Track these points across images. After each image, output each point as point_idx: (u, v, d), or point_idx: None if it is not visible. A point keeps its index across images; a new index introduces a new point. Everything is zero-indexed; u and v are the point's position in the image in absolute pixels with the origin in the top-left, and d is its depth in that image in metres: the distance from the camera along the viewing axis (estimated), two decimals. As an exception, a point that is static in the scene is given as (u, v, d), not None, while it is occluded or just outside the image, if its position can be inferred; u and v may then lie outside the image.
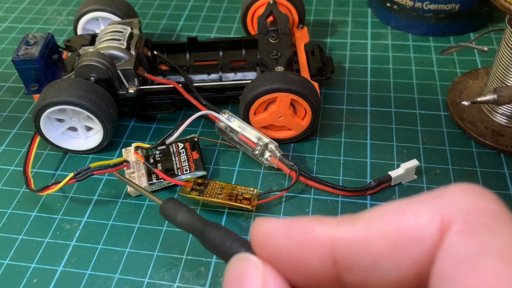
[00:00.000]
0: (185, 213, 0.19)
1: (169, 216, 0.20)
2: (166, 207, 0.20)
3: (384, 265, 0.13)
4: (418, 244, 0.12)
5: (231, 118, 0.41)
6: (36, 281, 0.35)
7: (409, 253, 0.12)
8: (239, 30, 0.60)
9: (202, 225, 0.18)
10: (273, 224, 0.14)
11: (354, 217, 0.14)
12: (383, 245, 0.13)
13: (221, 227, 0.17)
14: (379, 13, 0.60)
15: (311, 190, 0.40)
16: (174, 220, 0.20)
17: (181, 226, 0.19)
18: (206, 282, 0.35)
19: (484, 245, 0.11)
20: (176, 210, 0.20)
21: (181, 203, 0.19)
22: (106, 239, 0.38)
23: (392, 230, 0.13)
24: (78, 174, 0.38)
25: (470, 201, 0.12)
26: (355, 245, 0.13)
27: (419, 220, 0.13)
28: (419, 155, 0.43)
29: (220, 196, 0.38)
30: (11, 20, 0.64)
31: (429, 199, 0.13)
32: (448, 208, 0.12)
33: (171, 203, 0.20)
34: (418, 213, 0.13)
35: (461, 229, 0.12)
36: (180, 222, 0.19)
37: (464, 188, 0.13)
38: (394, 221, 0.13)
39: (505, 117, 0.44)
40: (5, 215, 0.40)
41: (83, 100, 0.41)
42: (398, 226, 0.13)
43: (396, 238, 0.13)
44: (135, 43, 0.46)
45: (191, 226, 0.19)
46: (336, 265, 0.13)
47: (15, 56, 0.43)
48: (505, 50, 0.41)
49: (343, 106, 0.48)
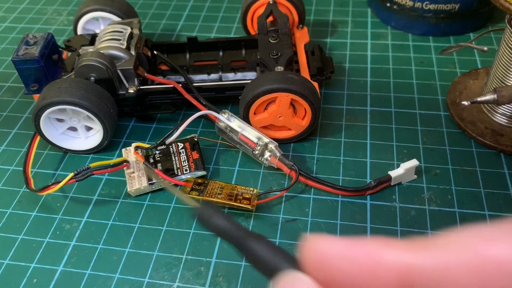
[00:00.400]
0: (224, 220, 0.18)
1: (206, 221, 0.18)
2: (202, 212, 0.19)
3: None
4: (509, 279, 0.11)
5: (231, 118, 0.41)
6: (36, 281, 0.35)
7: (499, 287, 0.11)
8: (239, 30, 0.60)
9: (243, 235, 0.16)
10: (332, 245, 0.13)
11: (429, 242, 0.12)
12: (467, 276, 0.11)
13: (264, 239, 0.16)
14: (379, 13, 0.60)
15: (311, 190, 0.40)
16: (211, 226, 0.18)
17: (219, 233, 0.18)
18: (206, 282, 0.35)
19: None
20: (214, 215, 0.18)
21: (218, 209, 0.18)
22: (106, 239, 0.38)
23: (478, 260, 0.11)
24: (78, 174, 0.38)
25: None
26: (432, 275, 0.11)
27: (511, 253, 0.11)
28: (419, 155, 0.43)
29: (220, 196, 0.38)
30: (11, 20, 0.64)
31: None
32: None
33: (209, 208, 0.19)
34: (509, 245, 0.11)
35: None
36: (218, 229, 0.18)
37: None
38: (481, 251, 0.11)
39: (505, 117, 0.44)
40: (5, 215, 0.40)
41: (83, 100, 0.41)
42: (487, 257, 0.11)
43: (485, 270, 0.11)
44: (135, 43, 0.46)
45: (230, 234, 0.17)
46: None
47: (15, 56, 0.43)
48: (505, 50, 0.41)
49: (343, 106, 0.48)
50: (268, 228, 0.38)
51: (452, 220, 0.37)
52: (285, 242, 0.36)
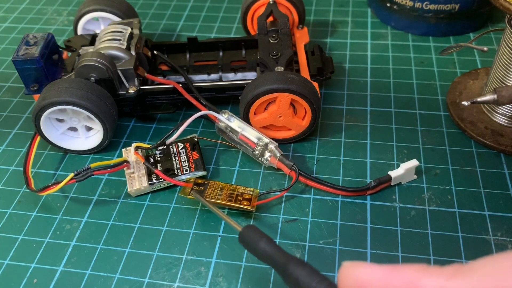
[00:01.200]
0: (266, 244, 0.18)
1: (249, 244, 0.19)
2: (246, 235, 0.19)
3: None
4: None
5: (231, 118, 0.41)
6: (36, 281, 0.35)
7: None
8: (239, 30, 0.60)
9: (285, 260, 0.17)
10: (369, 272, 0.13)
11: (466, 269, 0.12)
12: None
13: (305, 264, 0.16)
14: (379, 13, 0.60)
15: (311, 190, 0.40)
16: (254, 249, 0.18)
17: (262, 257, 0.18)
18: (206, 282, 0.35)
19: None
20: (257, 239, 0.18)
21: (261, 232, 0.18)
22: (106, 239, 0.38)
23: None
24: (78, 174, 0.38)
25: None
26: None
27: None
28: (419, 155, 0.43)
29: (220, 197, 0.38)
30: (11, 20, 0.64)
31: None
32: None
33: (251, 231, 0.19)
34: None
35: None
36: (261, 253, 0.18)
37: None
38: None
39: (505, 117, 0.44)
40: (5, 215, 0.40)
41: (83, 100, 0.41)
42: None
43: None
44: (135, 43, 0.46)
45: (273, 259, 0.18)
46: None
47: (15, 56, 0.43)
48: (505, 50, 0.41)
49: (343, 106, 0.48)
50: (268, 228, 0.38)
51: (452, 220, 0.37)
52: (285, 242, 0.36)
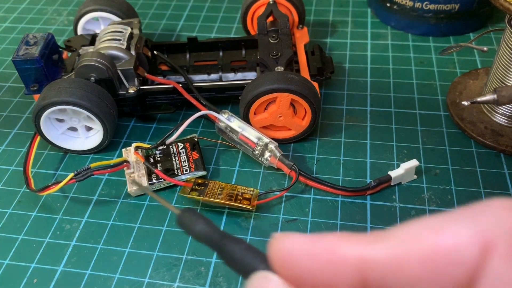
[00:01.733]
0: (203, 225, 0.18)
1: (187, 226, 0.19)
2: (183, 218, 0.20)
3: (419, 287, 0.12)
4: (457, 266, 0.11)
5: (231, 118, 0.41)
6: (36, 281, 0.35)
7: (447, 276, 0.11)
8: (239, 30, 0.60)
9: (220, 238, 0.17)
10: (294, 242, 0.13)
11: (384, 235, 0.12)
12: (419, 266, 0.12)
13: (240, 241, 0.16)
14: (379, 13, 0.60)
15: (311, 190, 0.40)
16: (191, 231, 0.19)
17: (199, 238, 0.18)
18: (206, 282, 0.35)
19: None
20: (193, 221, 0.18)
21: (199, 214, 0.19)
22: (106, 239, 0.38)
23: (428, 250, 0.12)
24: (78, 174, 0.38)
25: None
26: (387, 266, 0.12)
27: (458, 240, 0.11)
28: (419, 155, 0.43)
29: (220, 196, 0.38)
30: (11, 20, 0.64)
31: (468, 216, 0.12)
32: (490, 227, 0.11)
33: (189, 214, 0.19)
34: (458, 232, 0.11)
35: (507, 252, 0.11)
36: (197, 234, 0.18)
37: (505, 205, 0.12)
38: (430, 240, 0.12)
39: (505, 117, 0.44)
40: (5, 215, 0.40)
41: (83, 100, 0.41)
42: (435, 246, 0.11)
43: (433, 259, 0.11)
44: (135, 43, 0.46)
45: (209, 239, 0.18)
46: (365, 286, 0.12)
47: (15, 56, 0.43)
48: (505, 50, 0.41)
49: (343, 106, 0.48)
50: (268, 228, 0.38)
51: (452, 220, 0.37)
52: (285, 242, 0.36)
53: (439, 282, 0.11)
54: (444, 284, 0.11)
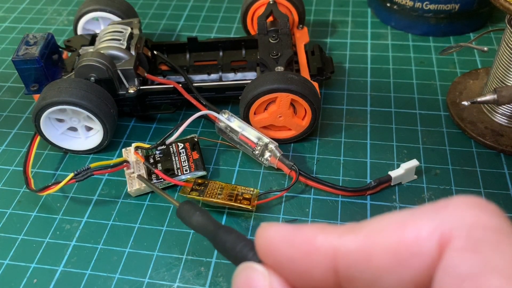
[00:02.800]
0: (199, 216, 0.19)
1: (184, 218, 0.20)
2: (181, 210, 0.20)
3: (384, 278, 0.12)
4: (417, 259, 0.12)
5: (231, 118, 0.41)
6: (36, 281, 0.35)
7: (408, 268, 0.12)
8: (239, 30, 0.60)
9: (214, 228, 0.18)
10: (277, 231, 0.14)
11: (356, 227, 0.13)
12: (384, 258, 0.12)
13: (232, 231, 0.17)
14: (379, 13, 0.60)
15: (311, 190, 0.40)
16: (189, 222, 0.20)
17: (195, 229, 0.20)
18: (206, 282, 0.35)
19: (487, 262, 0.11)
20: (191, 213, 0.20)
21: (196, 206, 0.20)
22: (106, 239, 0.38)
23: (393, 242, 0.12)
24: (78, 174, 0.38)
25: (472, 215, 0.12)
26: (356, 257, 0.13)
27: (419, 234, 0.12)
28: (419, 155, 0.43)
29: (220, 196, 0.38)
30: (11, 20, 0.64)
31: (431, 212, 0.12)
32: (450, 222, 0.12)
33: (187, 206, 0.20)
34: (419, 227, 0.12)
35: (463, 245, 0.12)
36: (194, 225, 0.20)
37: (467, 201, 0.12)
38: (395, 234, 0.12)
39: (505, 117, 0.44)
40: (5, 215, 0.40)
41: (83, 100, 0.41)
42: (399, 239, 0.12)
43: (397, 252, 0.12)
44: (135, 43, 0.46)
45: (204, 229, 0.19)
46: (337, 275, 0.13)
47: (15, 56, 0.43)
48: (505, 50, 0.41)
49: (343, 106, 0.48)
50: (268, 228, 0.38)
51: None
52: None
53: (402, 273, 0.12)
54: (407, 275, 0.12)
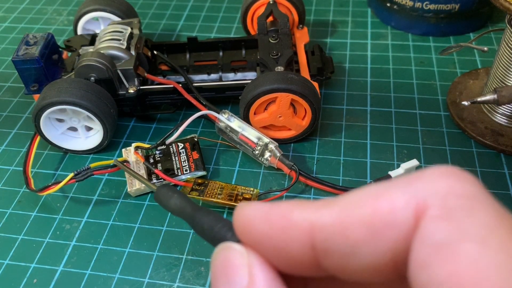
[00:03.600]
0: (177, 199, 0.19)
1: (162, 201, 0.20)
2: (159, 193, 0.21)
3: (360, 250, 0.12)
4: (393, 229, 0.12)
5: (231, 118, 0.41)
6: (36, 281, 0.35)
7: (384, 239, 0.12)
8: (239, 30, 0.60)
9: (192, 211, 0.18)
10: (253, 209, 0.14)
11: (332, 201, 0.13)
12: (359, 230, 0.12)
13: (210, 212, 0.17)
14: (379, 13, 0.60)
15: (311, 190, 0.40)
16: (166, 205, 0.20)
17: (173, 212, 0.20)
18: (206, 282, 0.35)
19: (461, 229, 0.11)
20: (168, 196, 0.20)
21: (174, 189, 0.20)
22: (106, 239, 0.38)
23: (367, 215, 0.12)
24: (78, 174, 0.38)
25: (446, 184, 0.12)
26: (332, 230, 0.13)
27: (394, 205, 0.12)
28: (419, 155, 0.43)
29: (220, 196, 0.38)
30: (11, 20, 0.64)
31: (405, 183, 0.13)
32: (424, 192, 0.12)
33: (164, 189, 0.20)
34: (394, 198, 0.12)
35: (438, 214, 0.12)
36: (172, 208, 0.20)
37: (441, 171, 0.12)
38: (370, 206, 0.12)
39: (505, 117, 0.44)
40: (5, 215, 0.40)
41: (83, 100, 0.41)
42: (374, 211, 0.12)
43: (372, 223, 0.12)
44: (135, 43, 0.46)
45: (182, 212, 0.19)
46: (314, 250, 0.13)
47: (15, 56, 0.43)
48: (505, 50, 0.41)
49: (343, 106, 0.48)
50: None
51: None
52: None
53: (378, 244, 0.12)
54: (383, 246, 0.12)
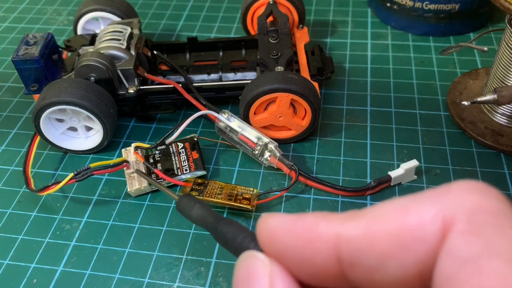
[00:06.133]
0: (199, 209, 0.20)
1: (185, 212, 0.21)
2: (181, 203, 0.21)
3: (387, 263, 0.12)
4: (420, 243, 0.12)
5: (231, 118, 0.41)
6: (36, 281, 0.35)
7: (411, 252, 0.12)
8: (239, 30, 0.60)
9: (214, 221, 0.18)
10: (278, 221, 0.14)
11: (358, 214, 0.13)
12: (386, 243, 0.12)
13: (233, 222, 0.17)
14: (379, 13, 0.60)
15: (311, 190, 0.40)
16: (189, 216, 0.20)
17: (196, 222, 0.20)
18: (206, 282, 0.35)
19: (488, 245, 0.11)
20: (190, 206, 0.20)
21: (196, 199, 0.20)
22: (106, 239, 0.38)
23: (395, 228, 0.12)
24: (78, 174, 0.38)
25: (474, 200, 0.12)
26: (359, 243, 0.13)
27: (422, 219, 0.12)
28: (419, 155, 0.43)
29: (220, 196, 0.38)
30: (11, 20, 0.64)
31: (432, 197, 0.13)
32: (452, 207, 0.12)
33: (186, 199, 0.20)
34: (421, 212, 0.12)
35: (465, 229, 0.12)
36: (194, 218, 0.20)
37: (468, 186, 0.13)
38: (397, 219, 0.13)
39: (505, 117, 0.44)
40: (5, 215, 0.40)
41: (83, 100, 0.41)
42: (401, 225, 0.12)
43: (399, 237, 0.12)
44: (135, 43, 0.46)
45: (204, 222, 0.19)
46: (340, 262, 0.13)
47: (15, 56, 0.43)
48: (505, 50, 0.41)
49: (343, 106, 0.48)
50: (268, 228, 0.38)
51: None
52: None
53: (405, 258, 0.12)
54: (410, 260, 0.12)
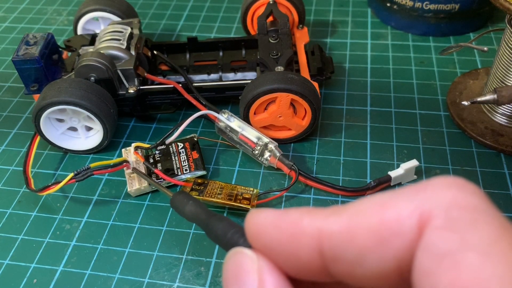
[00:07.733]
0: (192, 206, 0.20)
1: (178, 208, 0.21)
2: (175, 200, 0.21)
3: (367, 257, 0.13)
4: (398, 238, 0.12)
5: (231, 118, 0.41)
6: (36, 281, 0.35)
7: (390, 247, 0.13)
8: (239, 30, 0.60)
9: (206, 217, 0.18)
10: (265, 216, 0.15)
11: (340, 209, 0.14)
12: (366, 238, 0.13)
13: (224, 219, 0.17)
14: (379, 13, 0.60)
15: (311, 190, 0.40)
16: (182, 212, 0.21)
17: (189, 218, 0.20)
18: (206, 282, 0.35)
19: (464, 240, 0.11)
20: (184, 203, 0.20)
21: (190, 196, 0.20)
22: (106, 239, 0.38)
23: (374, 223, 0.13)
24: (78, 174, 0.38)
25: (451, 195, 0.12)
26: (340, 237, 0.13)
27: (399, 214, 0.13)
28: (419, 155, 0.43)
29: (220, 196, 0.38)
30: (11, 20, 0.64)
31: (411, 193, 0.13)
32: (429, 202, 0.12)
33: (180, 196, 0.21)
34: (399, 207, 0.13)
35: (441, 224, 0.12)
36: (187, 214, 0.20)
37: (446, 182, 0.13)
38: (376, 214, 0.13)
39: (505, 117, 0.44)
40: (5, 215, 0.40)
41: (83, 100, 0.41)
42: (380, 220, 0.13)
43: (378, 232, 0.13)
44: (135, 43, 0.46)
45: (196, 218, 0.19)
46: (323, 256, 0.14)
47: (15, 56, 0.43)
48: (505, 50, 0.41)
49: (343, 106, 0.48)
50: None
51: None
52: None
53: (384, 252, 0.13)
54: (389, 254, 0.13)
